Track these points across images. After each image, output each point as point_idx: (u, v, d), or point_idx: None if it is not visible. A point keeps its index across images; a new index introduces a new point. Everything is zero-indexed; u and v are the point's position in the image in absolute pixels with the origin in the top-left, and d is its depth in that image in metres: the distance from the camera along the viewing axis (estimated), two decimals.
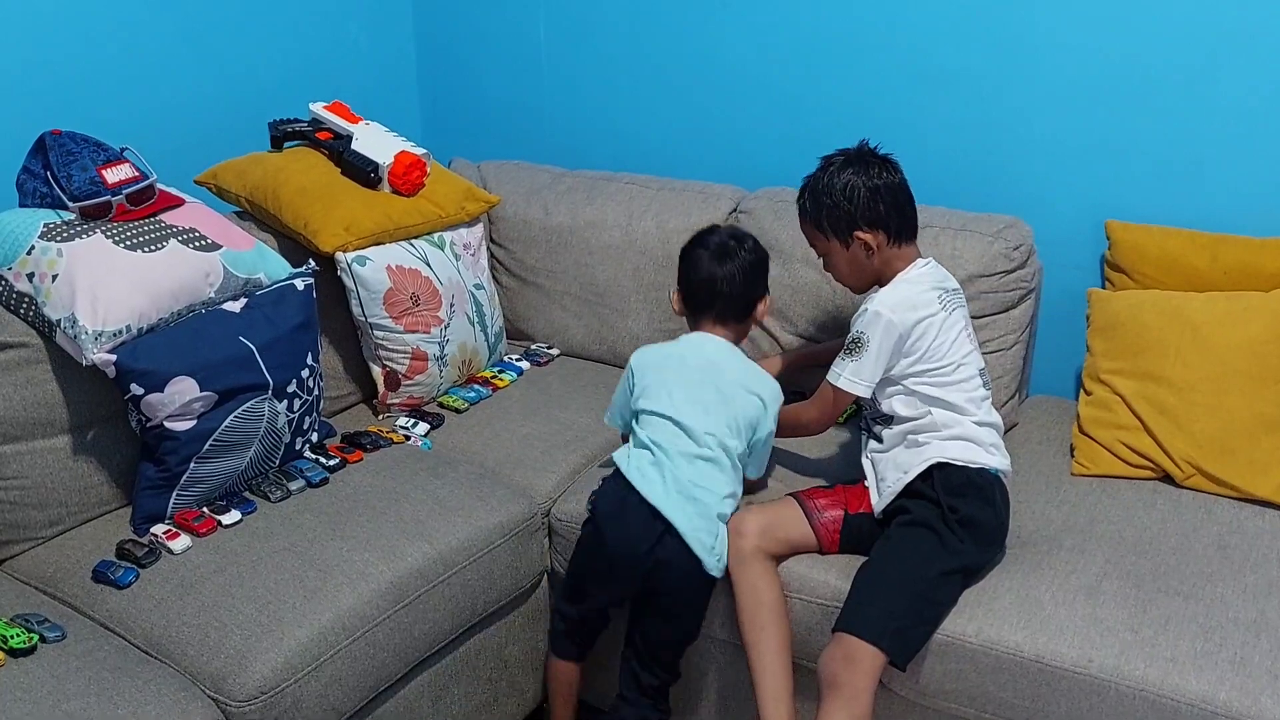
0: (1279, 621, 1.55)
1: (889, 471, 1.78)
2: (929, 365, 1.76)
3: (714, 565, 1.76)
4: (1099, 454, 1.96)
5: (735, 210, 2.42)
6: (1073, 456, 2.00)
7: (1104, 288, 2.15)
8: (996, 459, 1.77)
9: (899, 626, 1.60)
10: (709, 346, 1.88)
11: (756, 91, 2.52)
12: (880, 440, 1.83)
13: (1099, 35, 2.10)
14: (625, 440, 1.92)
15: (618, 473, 1.81)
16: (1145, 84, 2.08)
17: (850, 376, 1.77)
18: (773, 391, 1.87)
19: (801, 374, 2.14)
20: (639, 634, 1.84)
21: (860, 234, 1.79)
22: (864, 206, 1.78)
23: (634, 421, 1.87)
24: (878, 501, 1.78)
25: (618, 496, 1.79)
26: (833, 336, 2.22)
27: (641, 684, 1.84)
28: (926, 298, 1.78)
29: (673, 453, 1.78)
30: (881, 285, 1.83)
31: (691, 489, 1.76)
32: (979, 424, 1.77)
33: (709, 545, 1.76)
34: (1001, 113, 2.23)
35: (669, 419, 1.81)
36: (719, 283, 1.87)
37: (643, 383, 1.87)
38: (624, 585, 1.81)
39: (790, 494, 1.85)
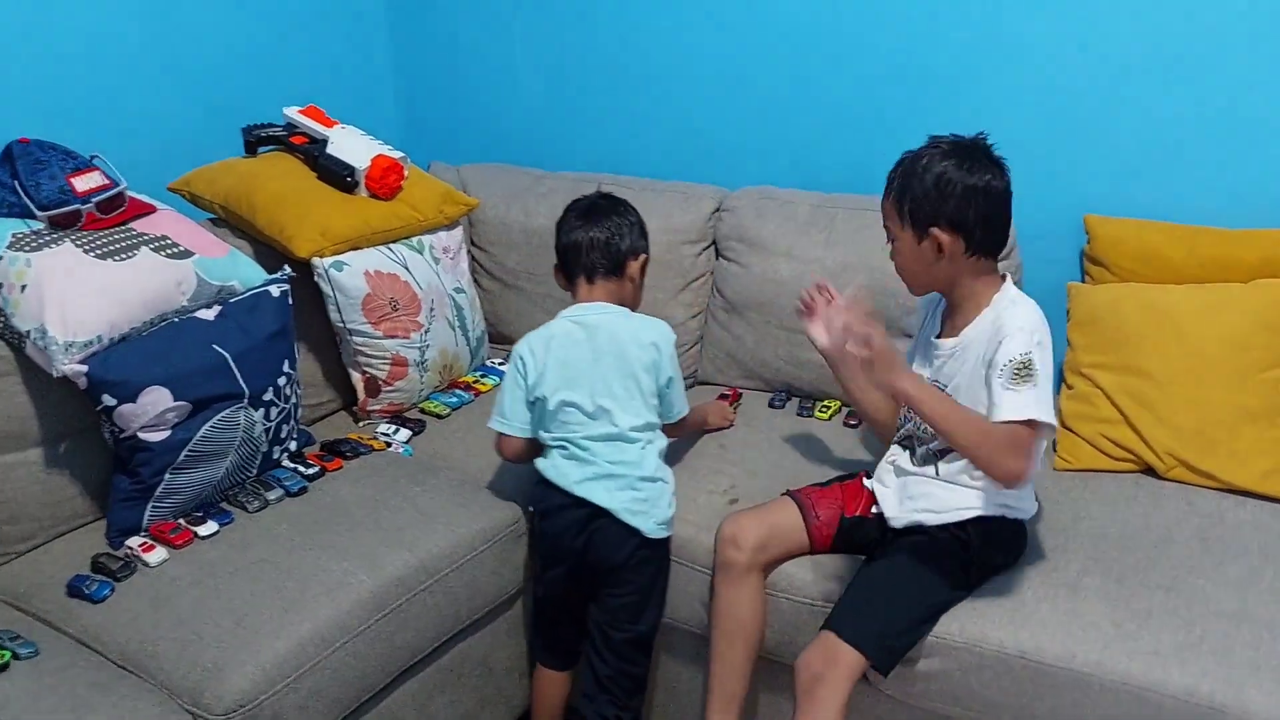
0: (1261, 612, 1.55)
1: (925, 498, 1.68)
2: None
3: (654, 529, 1.78)
4: (1081, 448, 1.96)
5: (718, 210, 2.41)
6: (1055, 451, 2.00)
7: (1083, 281, 2.15)
8: (1033, 503, 1.72)
9: (893, 644, 1.58)
10: (590, 314, 1.86)
11: (737, 92, 2.51)
12: (933, 469, 1.69)
13: (1075, 30, 2.09)
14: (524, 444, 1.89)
15: (541, 473, 1.84)
16: (1121, 79, 2.08)
17: (1039, 404, 1.51)
18: (663, 333, 1.86)
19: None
20: (596, 622, 1.85)
21: (937, 232, 1.60)
22: (953, 204, 1.58)
23: (539, 419, 1.84)
24: (897, 516, 1.71)
25: (545, 496, 1.83)
26: None
27: (599, 676, 1.84)
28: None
29: (582, 440, 1.79)
30: (949, 297, 1.68)
31: (609, 468, 1.78)
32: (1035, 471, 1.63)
33: (640, 510, 1.77)
34: (979, 109, 2.22)
35: (571, 405, 1.80)
36: (585, 241, 1.87)
37: (537, 370, 1.83)
38: (578, 576, 1.83)
39: (787, 493, 1.83)
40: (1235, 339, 1.86)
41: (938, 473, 1.68)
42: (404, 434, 2.19)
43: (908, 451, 1.75)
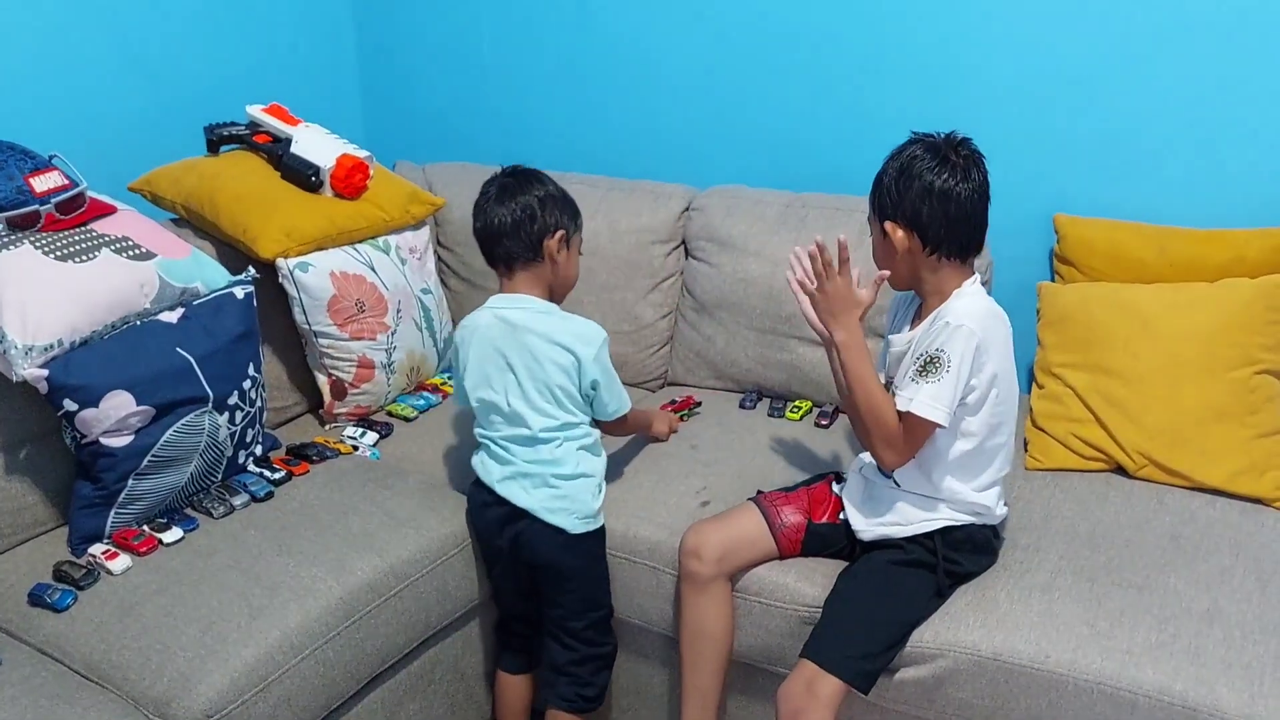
0: (1232, 610, 1.56)
1: (892, 510, 1.67)
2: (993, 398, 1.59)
3: (576, 524, 1.77)
4: (1052, 447, 1.97)
5: (687, 209, 2.40)
6: (1026, 451, 2.01)
7: (1053, 281, 2.16)
8: (1002, 508, 1.70)
9: (872, 667, 1.57)
10: (511, 308, 1.78)
11: (706, 90, 2.50)
12: (893, 480, 1.67)
13: (1045, 30, 2.10)
14: None
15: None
16: (1090, 79, 2.09)
17: (929, 400, 1.53)
18: (586, 336, 1.77)
19: None
20: (551, 619, 1.85)
21: (893, 228, 1.58)
22: (910, 200, 1.56)
23: (472, 408, 1.85)
24: (864, 530, 1.69)
25: (474, 493, 1.85)
26: (778, 328, 2.21)
27: (557, 663, 1.84)
28: (1000, 323, 1.61)
29: (499, 439, 1.80)
30: (919, 295, 1.66)
31: (526, 467, 1.77)
32: (1001, 476, 1.67)
33: (559, 508, 1.76)
34: (948, 108, 2.23)
35: (487, 403, 1.79)
36: (495, 226, 1.77)
37: (462, 359, 1.82)
38: (515, 574, 1.84)
39: (751, 499, 1.82)
40: (1204, 338, 1.88)
41: (898, 483, 1.67)
42: (371, 437, 2.16)
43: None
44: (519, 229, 1.77)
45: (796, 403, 2.26)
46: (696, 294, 2.35)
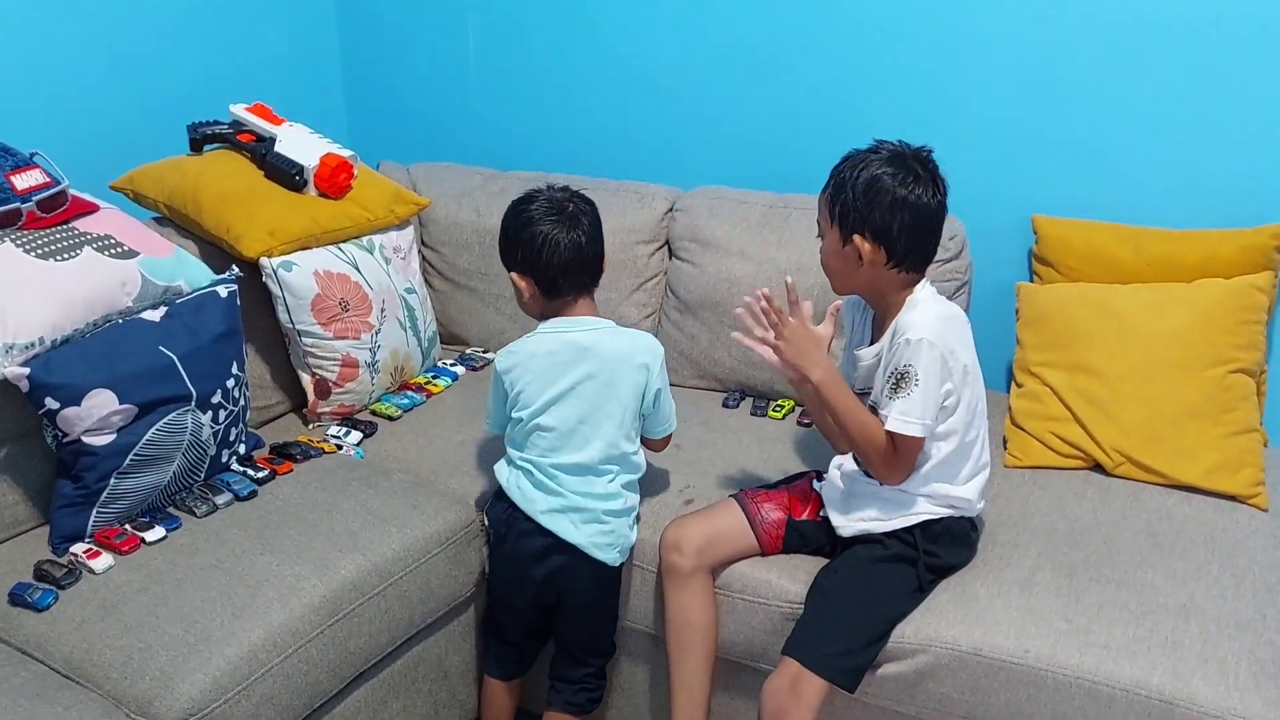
0: (1208, 605, 1.58)
1: (871, 505, 1.69)
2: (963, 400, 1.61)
3: (614, 558, 1.77)
4: (1031, 445, 1.99)
5: (671, 209, 2.41)
6: (1005, 449, 2.03)
7: (1032, 281, 2.18)
8: (982, 503, 1.71)
9: (856, 664, 1.59)
10: (576, 332, 1.74)
11: (690, 92, 2.51)
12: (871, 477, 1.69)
13: (1021, 33, 2.13)
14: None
15: (503, 490, 1.80)
16: (1067, 80, 2.12)
17: (899, 416, 1.56)
18: (653, 350, 1.77)
19: None
20: (560, 633, 1.86)
21: (860, 240, 1.57)
22: (879, 213, 1.56)
23: (511, 432, 1.80)
24: (844, 526, 1.71)
25: (504, 516, 1.80)
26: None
27: (567, 675, 1.86)
28: (955, 324, 1.63)
29: (550, 469, 1.74)
30: (873, 305, 1.68)
31: (576, 500, 1.74)
32: (981, 467, 1.68)
33: (605, 544, 1.76)
34: (928, 110, 2.25)
35: (547, 430, 1.74)
36: (576, 254, 1.70)
37: (517, 387, 1.76)
38: (529, 599, 1.82)
39: (733, 495, 1.83)
40: (1180, 337, 1.90)
41: (880, 482, 1.68)
42: (355, 436, 2.16)
43: (852, 454, 1.75)
44: (597, 259, 1.75)
45: (779, 401, 2.27)
46: (680, 294, 2.36)
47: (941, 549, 1.66)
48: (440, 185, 2.60)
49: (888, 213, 1.55)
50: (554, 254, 1.71)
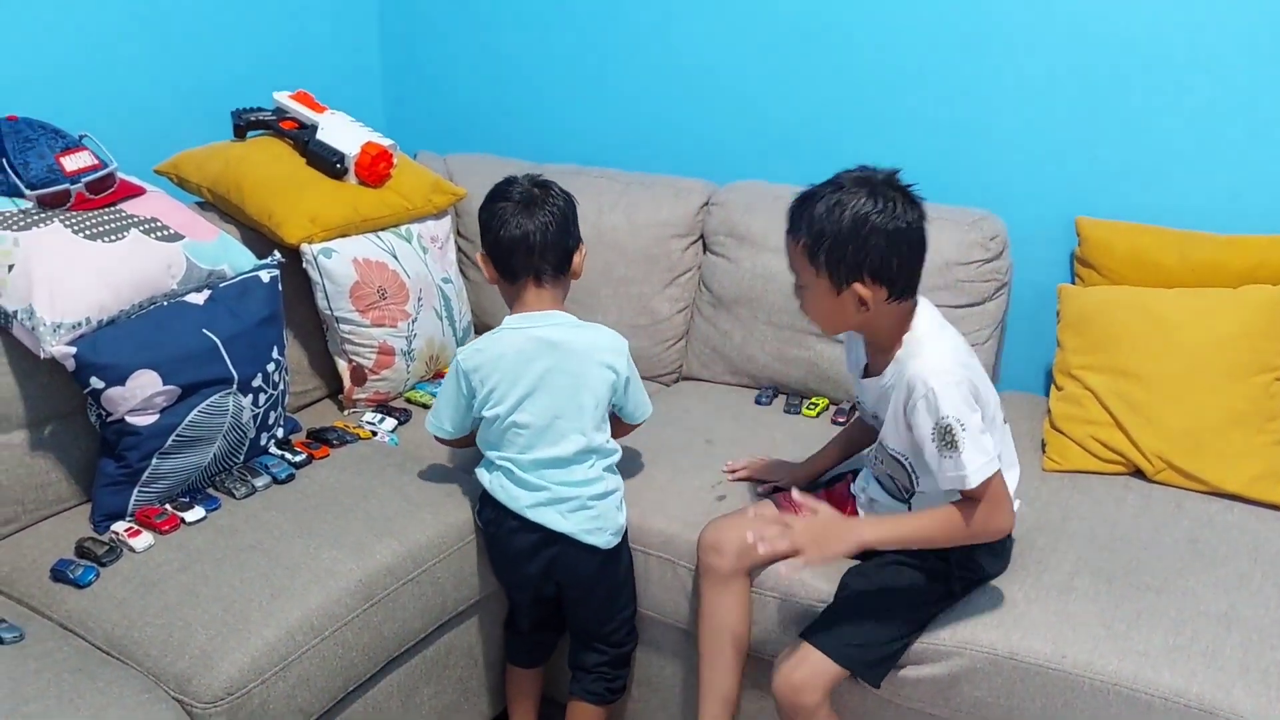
0: (1249, 614, 1.56)
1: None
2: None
3: (607, 541, 1.77)
4: (1070, 449, 1.97)
5: (707, 204, 2.41)
6: (1044, 452, 2.01)
7: (1074, 283, 2.16)
8: (1016, 502, 1.60)
9: (877, 657, 1.58)
10: (543, 328, 1.73)
11: (725, 87, 2.51)
12: (905, 506, 1.66)
13: (1069, 31, 2.11)
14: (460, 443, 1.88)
15: (488, 492, 1.80)
16: (1115, 81, 2.09)
17: (972, 470, 1.46)
18: (619, 347, 1.77)
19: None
20: (570, 622, 1.87)
21: (860, 287, 1.48)
22: (876, 254, 1.46)
23: (485, 433, 1.79)
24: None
25: (495, 518, 1.80)
26: (797, 324, 2.21)
27: (585, 664, 1.87)
28: (958, 341, 1.57)
29: (529, 465, 1.74)
30: (866, 334, 1.60)
31: (560, 491, 1.74)
32: (1008, 467, 1.59)
33: (594, 529, 1.76)
34: (971, 109, 2.24)
35: (522, 427, 1.73)
36: (532, 236, 1.70)
37: (485, 387, 1.74)
38: (530, 594, 1.85)
39: (769, 497, 1.82)
40: (1224, 344, 1.88)
41: (910, 507, 1.66)
42: (390, 423, 2.17)
43: (878, 482, 1.72)
44: (555, 243, 1.73)
45: (813, 400, 2.26)
46: (714, 289, 2.36)
47: (975, 563, 1.64)
48: (476, 176, 2.60)
49: (885, 251, 1.45)
50: (505, 231, 1.71)
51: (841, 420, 2.17)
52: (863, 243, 1.45)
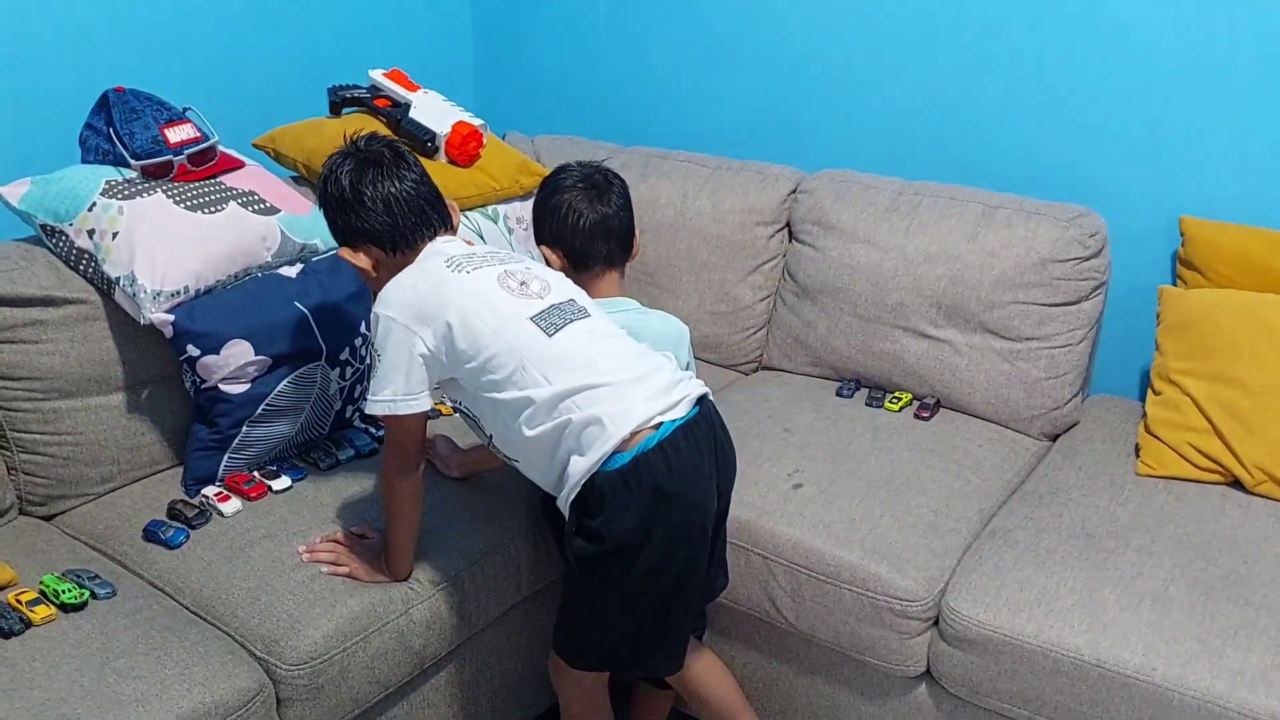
0: None
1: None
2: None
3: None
4: (1166, 455, 1.90)
5: (794, 191, 2.38)
6: (1138, 456, 1.95)
7: (1175, 285, 2.09)
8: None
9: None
10: (615, 313, 1.66)
11: (818, 73, 2.47)
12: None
13: (1177, 22, 2.03)
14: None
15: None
16: (1226, 74, 2.00)
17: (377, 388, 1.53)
18: (681, 332, 1.78)
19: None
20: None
21: (353, 251, 1.60)
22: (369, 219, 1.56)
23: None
24: None
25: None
26: (884, 317, 2.18)
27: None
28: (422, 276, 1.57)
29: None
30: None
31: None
32: None
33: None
34: (1071, 100, 2.17)
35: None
36: (610, 220, 1.72)
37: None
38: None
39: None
40: None
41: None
42: None
43: None
44: (627, 223, 1.75)
45: (896, 394, 2.22)
46: (799, 278, 2.33)
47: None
48: (563, 157, 2.57)
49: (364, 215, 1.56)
50: (582, 220, 1.71)
51: (925, 415, 2.14)
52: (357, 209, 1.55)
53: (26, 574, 1.56)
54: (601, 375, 1.47)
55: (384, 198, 1.54)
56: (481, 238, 2.23)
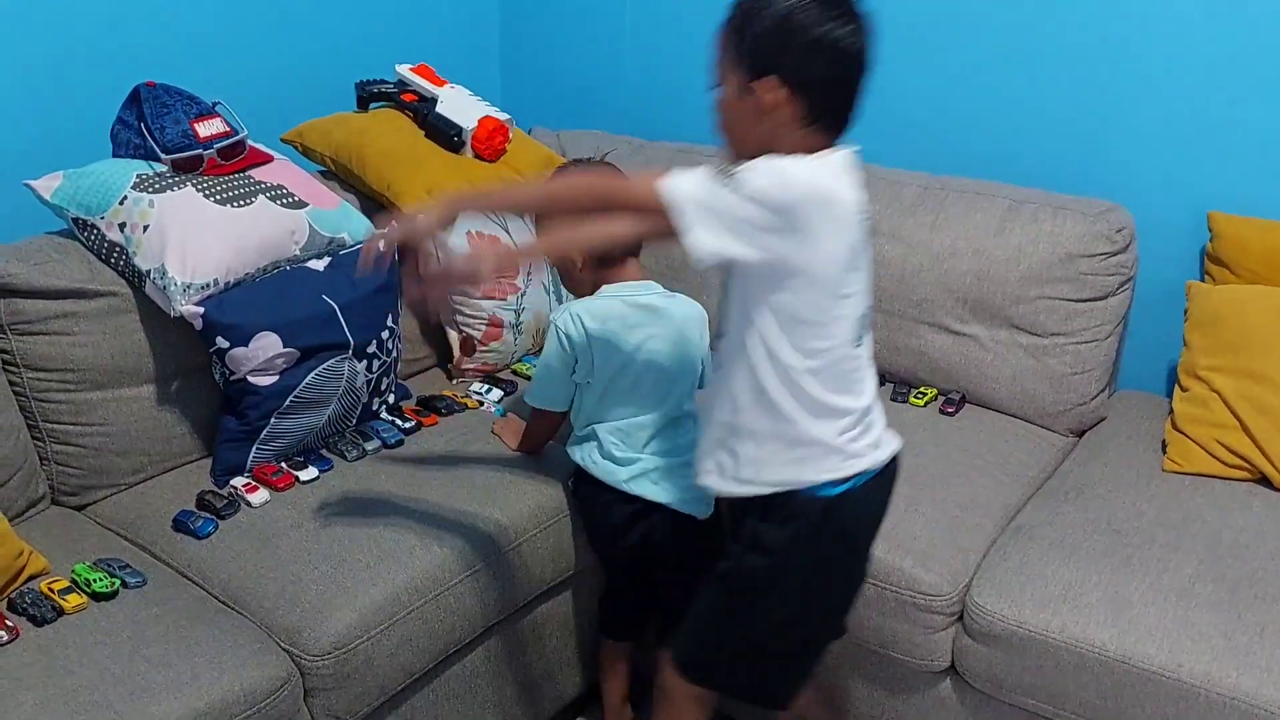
0: None
1: None
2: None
3: (704, 510, 1.73)
4: (1193, 451, 1.89)
5: None
6: (1164, 453, 1.93)
7: (1203, 280, 2.07)
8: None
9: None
10: (644, 295, 1.73)
11: None
12: None
13: (1205, 14, 2.00)
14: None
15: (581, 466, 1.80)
16: (1255, 66, 1.98)
17: (686, 183, 1.29)
18: (704, 314, 1.80)
19: None
20: (667, 593, 1.83)
21: (763, 86, 1.26)
22: (795, 53, 1.24)
23: (581, 402, 1.79)
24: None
25: (590, 492, 1.81)
26: (909, 313, 2.17)
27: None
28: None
29: (627, 431, 1.75)
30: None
31: (655, 460, 1.73)
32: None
33: (693, 498, 1.72)
34: (1099, 94, 2.15)
35: (623, 394, 1.73)
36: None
37: (592, 352, 1.72)
38: (630, 563, 1.86)
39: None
40: None
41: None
42: (496, 394, 2.20)
43: None
44: None
45: (921, 389, 2.21)
46: None
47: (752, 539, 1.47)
48: (588, 152, 2.61)
49: (808, 53, 1.24)
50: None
51: (950, 410, 2.13)
52: (783, 39, 1.23)
53: (58, 563, 1.59)
54: (871, 394, 1.42)
55: None
56: (508, 232, 2.24)
